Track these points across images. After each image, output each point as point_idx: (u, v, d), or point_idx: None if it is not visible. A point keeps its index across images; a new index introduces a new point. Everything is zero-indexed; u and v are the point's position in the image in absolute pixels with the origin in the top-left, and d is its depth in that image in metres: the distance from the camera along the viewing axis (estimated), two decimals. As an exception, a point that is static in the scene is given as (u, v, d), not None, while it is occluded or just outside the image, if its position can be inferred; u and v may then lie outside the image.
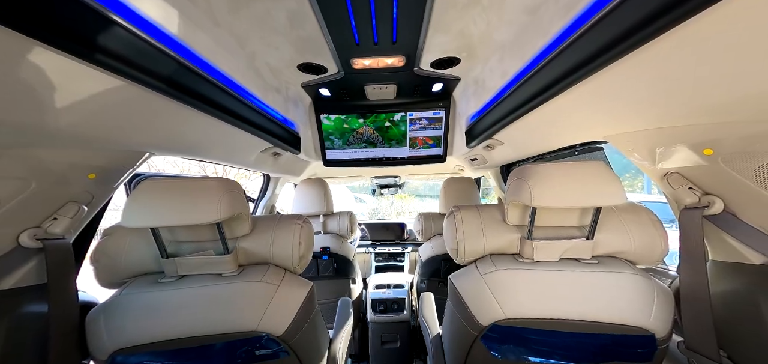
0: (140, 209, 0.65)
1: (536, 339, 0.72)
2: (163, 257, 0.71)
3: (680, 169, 0.69)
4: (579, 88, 0.57)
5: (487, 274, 0.75)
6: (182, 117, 0.69)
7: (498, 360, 0.75)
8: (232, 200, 0.71)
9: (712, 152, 0.60)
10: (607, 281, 0.69)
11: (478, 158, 1.64)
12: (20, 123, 0.47)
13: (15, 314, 0.64)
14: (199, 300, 0.70)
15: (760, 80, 0.41)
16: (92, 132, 0.58)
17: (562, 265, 0.73)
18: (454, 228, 0.83)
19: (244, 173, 5.62)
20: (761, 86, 0.42)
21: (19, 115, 0.45)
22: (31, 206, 0.61)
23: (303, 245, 0.82)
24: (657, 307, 0.66)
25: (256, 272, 0.76)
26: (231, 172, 5.90)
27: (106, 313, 0.67)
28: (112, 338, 0.66)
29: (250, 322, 0.71)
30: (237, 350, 0.71)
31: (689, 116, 0.56)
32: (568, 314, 0.69)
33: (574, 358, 0.71)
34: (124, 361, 0.67)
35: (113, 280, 0.74)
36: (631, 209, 0.77)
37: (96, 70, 0.44)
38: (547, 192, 0.68)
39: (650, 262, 0.74)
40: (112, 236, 0.74)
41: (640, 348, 0.67)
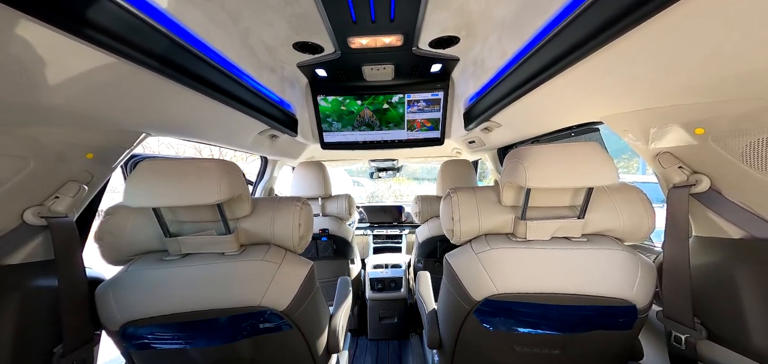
0: (142, 190, 0.66)
1: (525, 312, 0.76)
2: (166, 236, 0.73)
3: (672, 149, 0.71)
4: (576, 68, 0.57)
5: (481, 252, 0.79)
6: (177, 97, 0.68)
7: (489, 332, 0.80)
8: (232, 182, 0.72)
9: (704, 131, 0.61)
10: (594, 258, 0.72)
11: (475, 141, 1.64)
12: (14, 100, 0.46)
13: (26, 288, 0.67)
14: (204, 277, 0.73)
15: (751, 59, 0.42)
16: (87, 111, 0.58)
17: (553, 243, 0.76)
18: (450, 209, 0.85)
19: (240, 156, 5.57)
20: (752, 65, 0.43)
21: (12, 91, 0.45)
22: (32, 184, 0.62)
23: (303, 226, 0.84)
24: (640, 280, 0.70)
25: (257, 252, 0.79)
26: (227, 154, 5.85)
27: (114, 288, 0.70)
28: (122, 310, 0.69)
29: (254, 298, 0.74)
30: (242, 323, 0.75)
31: (683, 96, 0.57)
32: (556, 288, 0.73)
33: (560, 328, 0.76)
34: (135, 332, 0.70)
35: (118, 257, 0.76)
36: (622, 189, 0.79)
37: (87, 46, 0.43)
38: (541, 173, 0.70)
39: (637, 239, 0.78)
40: (114, 215, 0.75)
41: (621, 318, 0.72)
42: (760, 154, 0.55)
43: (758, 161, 0.56)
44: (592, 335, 0.76)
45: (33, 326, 0.66)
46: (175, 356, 0.77)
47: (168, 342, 0.74)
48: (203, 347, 0.76)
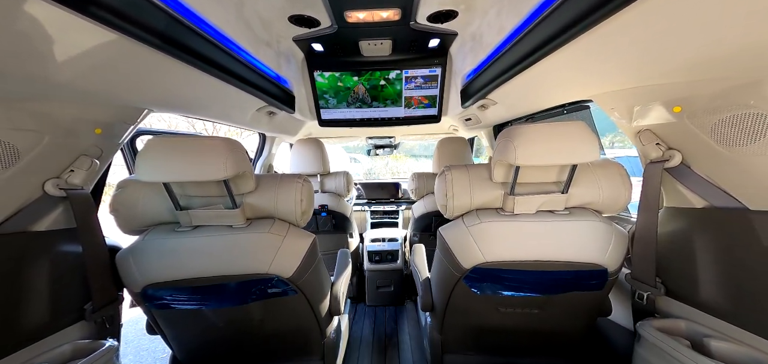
0: (152, 165, 0.69)
1: (509, 277, 0.84)
2: (177, 209, 0.77)
3: (651, 127, 0.75)
4: (569, 47, 0.59)
5: (471, 226, 0.85)
6: (176, 73, 0.69)
7: (476, 296, 0.89)
8: (237, 159, 0.75)
9: (680, 109, 0.65)
10: (574, 229, 0.79)
11: (472, 118, 1.66)
12: (24, 74, 0.48)
13: (53, 252, 0.73)
14: (215, 247, 0.78)
15: (723, 41, 0.45)
16: (93, 87, 0.60)
17: (538, 216, 0.83)
18: (444, 186, 0.90)
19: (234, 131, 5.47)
20: (724, 47, 0.46)
21: (22, 66, 0.47)
22: (48, 157, 0.66)
23: (304, 201, 0.89)
24: (612, 247, 0.78)
25: (263, 225, 0.84)
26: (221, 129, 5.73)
27: (134, 254, 0.76)
28: (142, 274, 0.75)
29: (262, 266, 0.80)
30: (251, 288, 0.83)
31: (665, 76, 0.60)
32: (538, 256, 0.81)
33: (540, 290, 0.85)
34: (154, 293, 0.77)
35: (133, 227, 0.81)
36: (603, 165, 0.84)
37: (92, 23, 0.44)
38: (529, 151, 0.74)
39: (615, 210, 0.84)
40: (126, 188, 0.79)
41: (594, 280, 0.81)
42: (726, 131, 0.60)
43: (724, 138, 0.61)
44: (568, 295, 0.85)
45: (64, 286, 0.74)
46: (193, 315, 0.85)
47: (185, 303, 0.81)
48: (217, 308, 0.84)
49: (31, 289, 0.67)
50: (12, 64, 0.46)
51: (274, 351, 1.05)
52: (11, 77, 0.48)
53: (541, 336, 1.00)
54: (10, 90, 0.52)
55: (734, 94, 0.56)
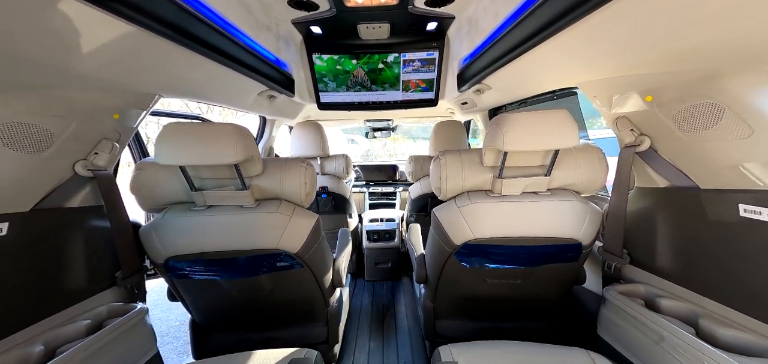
0: (171, 149, 0.75)
1: (495, 252, 0.93)
2: (192, 190, 0.84)
3: (627, 114, 0.81)
4: (558, 38, 0.63)
5: (462, 206, 0.92)
6: (184, 61, 0.73)
7: (466, 269, 0.98)
8: (246, 144, 0.80)
9: (652, 99, 0.71)
10: (554, 208, 0.87)
11: (468, 102, 1.69)
12: (55, 65, 0.53)
13: (85, 227, 0.81)
14: (228, 225, 0.86)
15: (687, 38, 0.50)
16: (112, 75, 0.64)
17: (523, 197, 0.90)
18: (438, 170, 0.96)
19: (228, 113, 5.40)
20: (688, 43, 0.51)
21: (53, 58, 0.52)
22: (76, 141, 0.72)
23: (308, 184, 0.95)
24: (587, 224, 0.86)
25: (271, 205, 0.91)
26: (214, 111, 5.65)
27: (155, 229, 0.84)
28: (164, 247, 0.84)
29: (271, 242, 0.88)
30: (262, 261, 0.91)
31: (639, 67, 0.65)
32: (521, 232, 0.89)
33: (522, 263, 0.94)
34: (175, 265, 0.86)
35: (152, 205, 0.88)
36: (584, 149, 0.91)
37: (111, 16, 0.49)
38: (516, 138, 0.80)
39: (593, 190, 0.92)
40: (143, 170, 0.85)
41: (569, 253, 0.91)
42: (687, 119, 0.67)
43: (685, 125, 0.68)
44: (547, 267, 0.95)
45: (96, 256, 0.82)
46: (209, 285, 0.94)
47: (202, 274, 0.90)
48: (231, 279, 0.93)
49: (70, 258, 0.76)
50: (46, 56, 0.51)
51: (283, 317, 1.16)
52: (45, 68, 0.53)
53: (523, 303, 1.12)
54: (44, 80, 0.57)
55: (695, 86, 0.62)
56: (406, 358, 1.46)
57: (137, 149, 1.48)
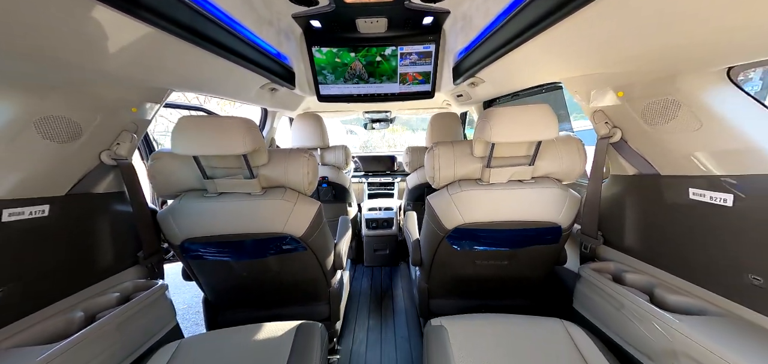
0: (185, 140, 0.82)
1: (483, 235, 1.02)
2: (204, 178, 0.91)
3: (603, 108, 0.89)
4: (544, 35, 0.69)
5: (454, 194, 1.00)
6: (194, 57, 0.79)
7: (457, 251, 1.07)
8: (253, 136, 0.87)
9: (623, 94, 0.78)
10: (536, 194, 0.96)
11: (463, 94, 1.75)
12: (84, 64, 0.60)
13: (110, 211, 0.90)
14: (237, 210, 0.94)
15: (651, 41, 0.57)
16: (131, 72, 0.71)
17: (509, 185, 0.98)
18: (432, 161, 1.03)
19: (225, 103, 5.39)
20: (653, 44, 0.58)
21: (82, 57, 0.58)
22: (101, 132, 0.79)
23: (310, 173, 1.02)
24: (565, 209, 0.95)
25: (276, 193, 0.98)
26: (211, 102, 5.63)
27: (173, 214, 0.92)
28: (181, 230, 0.92)
29: (277, 226, 0.96)
30: (269, 244, 0.99)
31: (613, 65, 0.72)
32: (507, 217, 0.98)
33: (508, 245, 1.03)
34: (191, 247, 0.94)
35: (168, 192, 0.96)
36: (565, 140, 0.99)
37: (132, 19, 0.55)
38: (502, 130, 0.87)
39: (572, 178, 1.00)
40: (159, 160, 0.92)
41: (550, 235, 1.00)
42: (651, 113, 0.75)
43: (649, 118, 0.76)
44: (531, 248, 1.04)
45: (121, 237, 0.91)
46: (221, 266, 1.03)
47: (215, 255, 0.98)
48: (241, 261, 1.02)
49: (99, 237, 0.84)
50: (79, 58, 0.57)
51: (288, 296, 1.26)
52: (78, 68, 0.60)
53: (509, 282, 1.22)
54: (76, 78, 0.64)
55: (658, 84, 0.69)
56: (403, 334, 1.58)
57: (143, 143, 1.54)
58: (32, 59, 0.53)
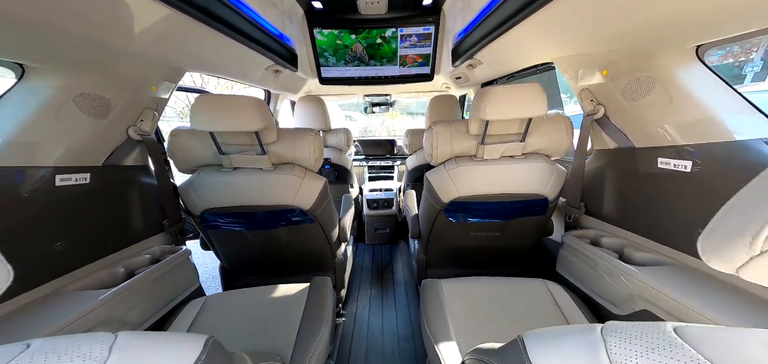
0: (203, 118, 0.88)
1: (477, 207, 1.11)
2: (220, 154, 0.98)
3: (589, 86, 0.95)
4: (537, 15, 0.74)
5: (450, 169, 1.07)
6: (205, 37, 0.84)
7: (453, 223, 1.16)
8: (264, 114, 0.93)
9: (606, 73, 0.85)
10: (526, 169, 1.03)
11: (462, 77, 1.79)
12: (113, 44, 0.66)
13: (138, 182, 0.98)
14: (251, 184, 1.01)
15: (632, 18, 0.63)
16: (152, 52, 0.77)
17: (501, 160, 1.05)
18: (430, 139, 1.10)
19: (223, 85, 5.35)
20: (632, 22, 0.64)
21: (112, 37, 0.65)
22: (127, 109, 0.86)
23: (316, 150, 1.08)
24: (552, 182, 1.03)
25: (286, 169, 1.05)
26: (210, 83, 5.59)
27: (193, 186, 1.00)
28: (201, 200, 1.00)
29: (287, 199, 1.04)
30: (279, 216, 1.08)
31: (600, 44, 0.78)
32: (498, 190, 1.06)
33: (499, 216, 1.12)
34: (209, 217, 1.03)
35: (187, 167, 1.03)
36: (554, 118, 1.05)
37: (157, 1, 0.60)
38: (495, 108, 0.93)
39: (560, 154, 1.08)
40: (178, 136, 0.98)
41: (537, 207, 1.09)
42: (630, 90, 0.82)
43: (628, 95, 0.83)
44: (520, 220, 1.13)
45: (148, 206, 1.00)
46: (236, 236, 1.12)
47: (231, 225, 1.07)
48: (254, 231, 1.11)
49: (130, 206, 0.93)
50: (108, 37, 0.63)
51: (297, 265, 1.36)
52: (107, 47, 0.66)
53: (500, 252, 1.32)
54: (106, 57, 0.70)
55: (637, 62, 0.76)
56: (402, 301, 1.71)
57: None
58: (71, 40, 0.59)
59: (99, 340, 0.26)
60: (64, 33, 0.56)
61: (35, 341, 0.25)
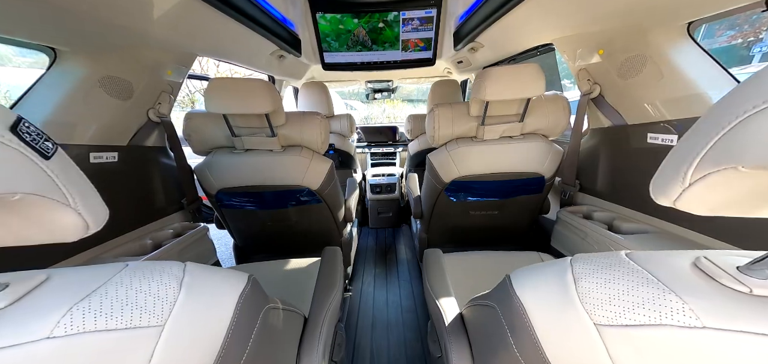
0: (217, 99, 0.93)
1: (476, 186, 1.16)
2: (233, 136, 1.03)
3: (586, 66, 0.99)
4: None
5: (452, 150, 1.12)
6: (215, 21, 0.88)
7: (453, 202, 1.22)
8: (274, 97, 0.98)
9: (603, 52, 0.88)
10: (524, 148, 1.08)
11: (463, 61, 1.81)
12: (133, 27, 0.71)
13: (159, 162, 1.05)
14: (262, 164, 1.07)
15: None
16: (168, 37, 0.82)
17: (501, 141, 1.09)
18: (432, 121, 1.13)
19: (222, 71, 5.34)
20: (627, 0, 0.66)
21: (132, 21, 0.69)
22: (147, 92, 0.92)
23: (323, 133, 1.13)
24: (548, 160, 1.08)
25: (294, 151, 1.10)
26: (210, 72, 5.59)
27: (208, 167, 1.06)
28: (216, 180, 1.06)
29: (296, 179, 1.10)
30: (289, 196, 1.14)
31: (596, 23, 0.81)
32: (497, 169, 1.11)
33: (498, 195, 1.17)
34: (224, 197, 1.10)
35: (202, 149, 1.08)
36: (552, 99, 1.09)
37: None
38: (495, 88, 0.97)
39: (557, 133, 1.12)
40: (192, 119, 1.03)
41: (534, 185, 1.14)
42: (625, 68, 0.85)
43: (623, 73, 0.86)
44: (518, 198, 1.19)
45: (168, 184, 1.06)
46: (249, 214, 1.19)
47: (244, 204, 1.14)
48: (266, 210, 1.18)
49: (153, 184, 1.00)
50: (129, 21, 0.67)
51: (305, 244, 1.44)
52: (128, 31, 0.70)
53: (499, 230, 1.39)
54: (126, 41, 0.75)
55: (632, 40, 0.79)
56: (405, 277, 1.80)
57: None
58: (97, 23, 0.64)
59: (176, 265, 0.34)
60: (92, 16, 0.61)
61: (131, 262, 0.32)
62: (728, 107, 0.24)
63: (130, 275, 0.30)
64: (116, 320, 0.26)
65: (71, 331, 0.25)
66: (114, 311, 0.27)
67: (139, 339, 0.27)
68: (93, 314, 0.26)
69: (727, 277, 0.26)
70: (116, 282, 0.29)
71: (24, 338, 0.23)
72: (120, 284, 0.29)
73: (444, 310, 0.74)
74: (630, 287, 0.28)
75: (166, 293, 0.30)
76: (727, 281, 0.26)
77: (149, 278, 0.30)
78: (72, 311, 0.25)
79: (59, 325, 0.25)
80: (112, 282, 0.29)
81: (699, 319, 0.24)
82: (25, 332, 0.24)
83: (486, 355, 0.50)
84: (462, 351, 0.58)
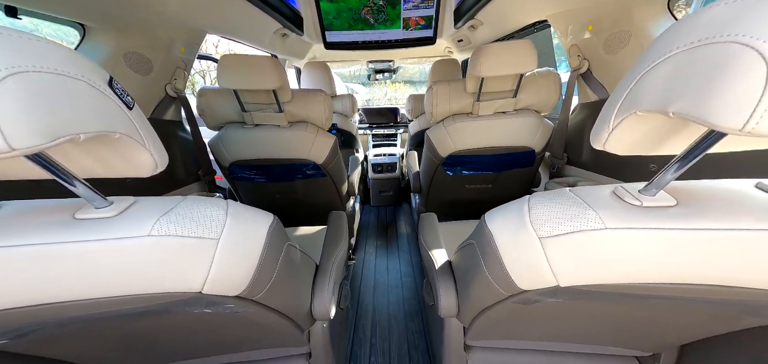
0: (229, 75, 0.99)
1: (471, 160, 1.24)
2: (243, 111, 1.11)
3: (577, 42, 1.03)
4: None
5: (448, 126, 1.18)
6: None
7: (450, 176, 1.30)
8: (280, 73, 1.04)
9: (592, 28, 0.93)
10: (517, 123, 1.14)
11: (464, 39, 1.83)
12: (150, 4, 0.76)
13: (175, 134, 1.13)
14: (271, 139, 1.15)
15: None
16: (182, 14, 0.87)
17: (495, 116, 1.16)
18: (431, 97, 1.19)
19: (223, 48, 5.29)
20: None
21: None
22: (164, 67, 0.98)
23: (327, 110, 1.20)
24: (539, 135, 1.15)
25: (300, 126, 1.17)
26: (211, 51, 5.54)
27: (221, 140, 1.14)
28: (229, 154, 1.15)
29: (302, 153, 1.18)
30: (296, 169, 1.23)
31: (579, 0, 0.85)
32: (491, 143, 1.18)
33: (492, 169, 1.25)
34: (236, 170, 1.18)
35: (215, 123, 1.16)
36: (545, 75, 1.14)
37: None
38: (490, 64, 1.02)
39: (548, 109, 1.18)
40: (204, 96, 1.10)
41: (525, 158, 1.21)
42: (611, 44, 0.90)
43: (609, 48, 0.91)
44: (511, 172, 1.26)
45: (186, 157, 1.15)
46: (259, 187, 1.28)
47: (254, 177, 1.23)
48: (275, 182, 1.27)
49: (172, 155, 1.09)
50: None
51: (311, 215, 1.54)
52: (148, 7, 0.76)
53: (492, 203, 1.45)
54: (145, 18, 0.81)
55: (618, 14, 0.84)
56: (405, 248, 1.92)
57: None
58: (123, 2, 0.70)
59: (219, 200, 0.44)
60: None
61: (181, 198, 0.41)
62: (638, 65, 0.32)
63: (190, 204, 0.40)
64: (189, 230, 0.36)
65: (162, 233, 0.35)
66: (186, 223, 0.37)
67: (205, 246, 0.37)
68: (173, 224, 0.36)
69: (629, 196, 0.37)
70: (183, 206, 0.39)
71: (135, 233, 0.34)
72: (186, 208, 0.39)
73: (435, 258, 0.84)
74: (565, 208, 0.38)
75: (217, 215, 0.40)
76: (629, 199, 0.37)
77: (204, 206, 0.40)
78: (160, 221, 0.35)
79: (154, 227, 0.35)
80: (180, 206, 0.39)
81: (603, 223, 0.35)
82: (135, 229, 0.34)
83: (467, 288, 0.61)
84: (449, 290, 0.69)
